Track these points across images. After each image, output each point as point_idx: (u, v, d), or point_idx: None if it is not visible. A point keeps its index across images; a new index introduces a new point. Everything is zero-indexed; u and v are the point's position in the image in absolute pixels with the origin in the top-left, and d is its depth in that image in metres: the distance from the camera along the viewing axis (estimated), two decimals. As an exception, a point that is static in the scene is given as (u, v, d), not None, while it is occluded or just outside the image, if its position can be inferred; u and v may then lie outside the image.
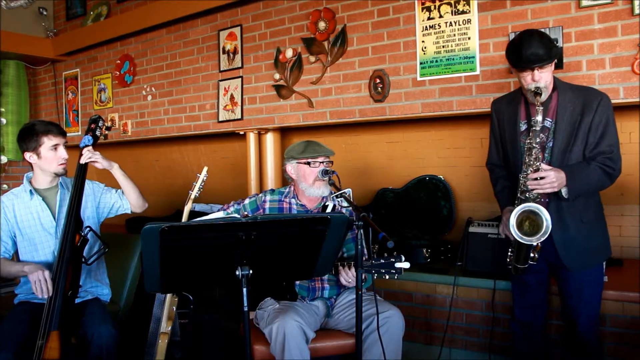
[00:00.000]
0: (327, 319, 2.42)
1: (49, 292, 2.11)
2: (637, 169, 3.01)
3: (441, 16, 3.13)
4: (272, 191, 2.55)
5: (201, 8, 4.03)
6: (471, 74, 3.05)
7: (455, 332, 2.95)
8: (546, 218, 1.99)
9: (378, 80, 3.36)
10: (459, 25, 3.08)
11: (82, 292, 2.40)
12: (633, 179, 3.04)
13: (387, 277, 2.16)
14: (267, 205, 2.49)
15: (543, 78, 2.08)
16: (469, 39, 3.05)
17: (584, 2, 2.71)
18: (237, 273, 1.74)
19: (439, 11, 3.14)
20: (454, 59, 3.10)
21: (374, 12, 3.38)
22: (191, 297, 2.71)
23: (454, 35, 3.10)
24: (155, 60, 4.56)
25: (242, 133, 4.08)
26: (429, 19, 3.18)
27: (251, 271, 1.75)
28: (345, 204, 2.37)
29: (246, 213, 2.47)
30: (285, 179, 2.61)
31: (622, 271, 2.84)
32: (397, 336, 2.21)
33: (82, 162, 2.34)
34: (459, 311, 2.93)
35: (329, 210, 2.45)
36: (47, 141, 2.35)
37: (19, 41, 4.95)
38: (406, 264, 2.15)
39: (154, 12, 4.30)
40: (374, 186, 3.90)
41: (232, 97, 4.05)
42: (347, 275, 2.25)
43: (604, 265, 2.64)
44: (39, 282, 2.11)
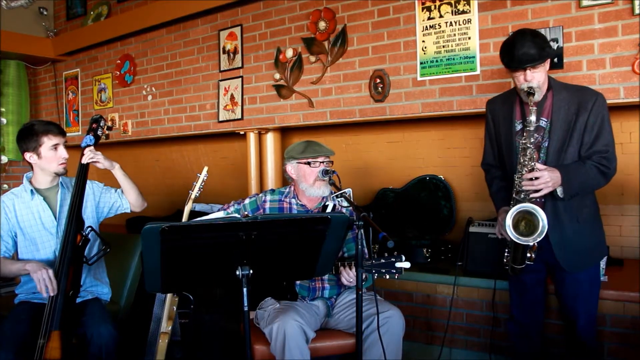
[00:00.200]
0: (327, 319, 2.42)
1: (55, 290, 2.11)
2: (637, 169, 3.01)
3: (441, 16, 3.13)
4: (272, 191, 2.54)
5: (201, 8, 4.04)
6: (471, 73, 3.05)
7: (456, 332, 2.95)
8: (542, 218, 1.98)
9: (378, 80, 3.36)
10: (459, 25, 3.08)
11: (82, 292, 2.39)
12: (633, 179, 3.04)
13: (388, 276, 2.16)
14: (268, 205, 2.49)
15: (536, 78, 2.07)
16: (469, 38, 3.05)
17: (585, 2, 2.71)
18: (237, 273, 1.74)
19: (439, 11, 3.14)
20: (454, 59, 3.10)
21: (374, 12, 3.38)
22: (191, 297, 2.71)
23: (454, 35, 3.10)
24: (156, 60, 4.56)
25: (242, 133, 4.08)
26: (429, 18, 3.18)
27: (251, 271, 1.75)
28: (346, 203, 2.37)
29: (246, 213, 2.46)
30: (286, 179, 2.61)
31: (622, 271, 2.83)
32: (397, 336, 2.21)
33: (84, 162, 2.34)
34: (459, 311, 2.93)
35: (329, 210, 2.45)
36: (47, 141, 2.35)
37: (19, 41, 4.95)
38: (407, 264, 2.15)
39: (154, 12, 4.31)
40: (374, 186, 3.90)
41: (232, 97, 4.05)
42: (348, 274, 2.25)
43: (603, 265, 2.65)
44: (43, 281, 2.11)
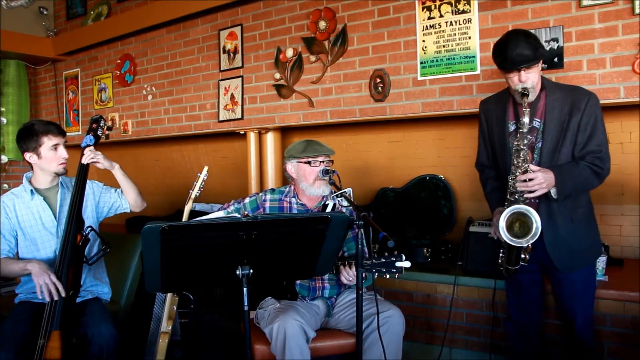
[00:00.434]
0: (327, 319, 2.42)
1: (62, 294, 2.10)
2: (637, 169, 3.01)
3: (441, 16, 3.13)
4: (273, 190, 2.54)
5: (201, 8, 4.04)
6: (472, 73, 3.05)
7: (456, 332, 2.95)
8: (536, 220, 1.98)
9: (378, 80, 3.36)
10: (459, 24, 3.08)
11: (82, 292, 2.39)
12: (633, 179, 3.04)
13: (388, 276, 2.16)
14: (268, 204, 2.49)
15: (530, 78, 2.06)
16: (469, 38, 3.05)
17: (585, 2, 2.71)
18: (237, 272, 1.74)
19: (439, 11, 3.14)
20: (454, 59, 3.10)
21: (374, 12, 3.38)
22: (192, 297, 2.70)
23: (455, 34, 3.10)
24: (156, 60, 4.56)
25: (242, 133, 4.08)
26: (429, 18, 3.18)
27: (251, 270, 1.75)
28: (346, 203, 2.37)
29: (246, 212, 2.46)
30: (286, 179, 2.61)
31: (623, 271, 2.83)
32: (397, 336, 2.21)
33: (84, 163, 2.34)
34: (459, 311, 2.93)
35: (329, 209, 2.45)
36: (47, 141, 2.35)
37: (19, 41, 4.95)
38: (407, 263, 2.16)
39: (154, 12, 4.31)
40: (374, 186, 3.90)
41: (232, 97, 4.05)
42: (348, 274, 2.25)
43: (603, 265, 2.65)
44: (45, 287, 2.10)
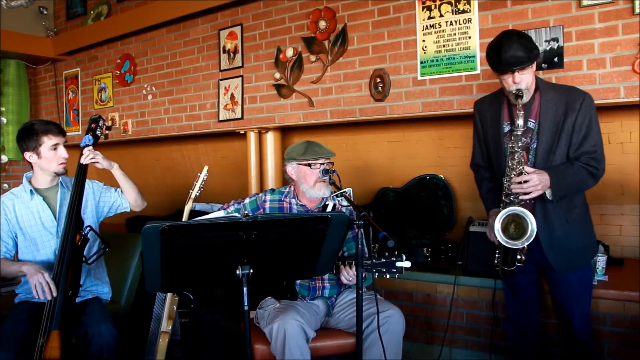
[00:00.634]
0: (327, 318, 2.42)
1: (53, 294, 2.10)
2: (637, 168, 3.01)
3: (442, 15, 3.13)
4: (272, 191, 2.54)
5: (201, 7, 4.03)
6: (472, 73, 3.05)
7: (456, 332, 2.95)
8: (531, 222, 1.97)
9: (378, 80, 3.36)
10: (459, 24, 3.08)
11: (82, 291, 2.40)
12: (633, 179, 3.04)
13: (388, 276, 2.16)
14: (268, 204, 2.49)
15: (524, 80, 2.05)
16: (469, 38, 3.05)
17: (585, 2, 2.71)
18: (237, 272, 1.74)
19: (439, 10, 3.14)
20: (454, 58, 3.10)
21: (374, 12, 3.38)
22: (192, 297, 2.70)
23: (455, 34, 3.10)
24: (156, 60, 4.56)
25: (242, 132, 4.08)
26: (429, 18, 3.17)
27: (251, 270, 1.75)
28: (346, 203, 2.37)
29: (246, 212, 2.46)
30: (286, 179, 2.61)
31: (622, 271, 2.83)
32: (397, 335, 2.21)
33: (83, 162, 2.34)
34: (459, 310, 2.93)
35: (329, 209, 2.45)
36: (47, 141, 2.35)
37: (19, 40, 4.95)
38: (407, 263, 2.16)
39: (154, 12, 4.31)
40: (374, 185, 3.90)
41: (232, 97, 4.05)
42: (348, 273, 2.25)
43: (603, 265, 2.65)
44: (39, 286, 2.10)
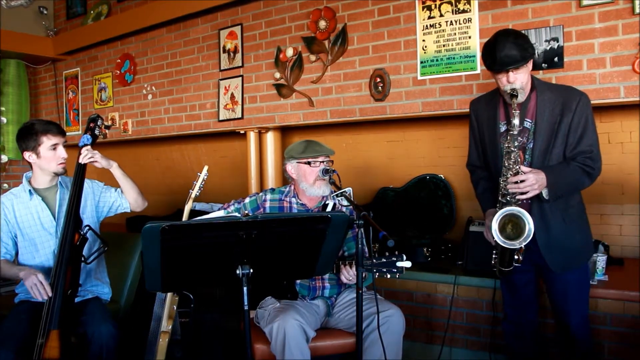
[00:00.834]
0: (327, 318, 2.42)
1: (48, 293, 2.11)
2: (637, 168, 3.01)
3: (442, 15, 3.13)
4: (273, 190, 2.54)
5: (201, 7, 4.03)
6: (472, 73, 3.05)
7: (456, 332, 2.95)
8: (528, 222, 1.97)
9: (378, 79, 3.36)
10: (459, 24, 3.08)
11: (82, 291, 2.40)
12: (633, 179, 3.04)
13: (389, 276, 2.16)
14: (268, 204, 2.49)
15: (519, 79, 2.05)
16: (469, 38, 3.05)
17: (585, 1, 2.71)
18: (237, 272, 1.74)
19: (439, 10, 3.14)
20: (454, 58, 3.10)
21: (374, 11, 3.37)
22: (192, 296, 2.70)
23: (455, 34, 3.09)
24: (156, 60, 4.55)
25: (242, 132, 4.07)
26: (429, 18, 3.17)
27: (252, 270, 1.75)
28: (346, 202, 2.36)
29: (247, 212, 2.46)
30: (286, 178, 2.61)
31: (623, 270, 2.83)
32: (397, 335, 2.21)
33: (81, 162, 2.33)
34: (459, 310, 2.93)
35: (329, 209, 2.45)
36: (47, 141, 2.35)
37: (19, 40, 4.95)
38: (407, 263, 2.15)
39: (154, 11, 4.30)
40: (374, 185, 3.90)
41: (232, 96, 4.05)
42: (348, 273, 2.25)
43: (603, 264, 2.64)
44: (35, 287, 2.12)
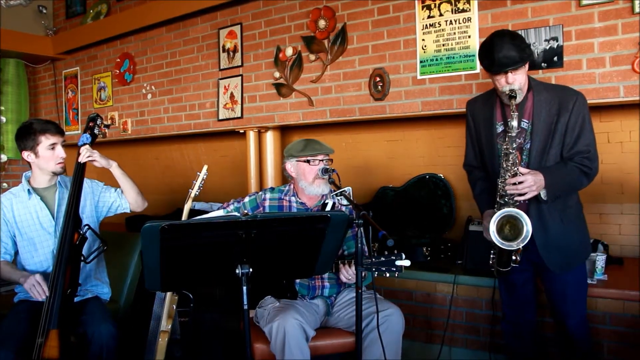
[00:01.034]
0: (327, 318, 2.42)
1: (46, 292, 2.12)
2: (636, 168, 3.01)
3: (441, 14, 3.13)
4: (272, 189, 2.54)
5: (201, 6, 4.03)
6: (471, 72, 3.05)
7: (456, 331, 2.95)
8: (526, 223, 1.97)
9: (378, 79, 3.36)
10: (459, 23, 3.08)
11: (82, 291, 2.39)
12: (633, 178, 3.04)
13: (388, 274, 2.16)
14: (267, 203, 2.49)
15: (517, 80, 2.04)
16: (469, 37, 3.05)
17: (584, 1, 2.71)
18: (237, 271, 1.74)
19: (439, 9, 3.14)
20: (454, 58, 3.10)
21: (374, 11, 3.37)
22: (191, 296, 2.70)
23: (454, 33, 3.09)
24: (155, 59, 4.55)
25: (242, 131, 4.07)
26: (429, 17, 3.17)
27: (251, 269, 1.74)
28: (345, 202, 2.37)
29: (246, 211, 2.46)
30: (285, 177, 2.61)
31: (622, 270, 2.83)
32: (397, 334, 2.21)
33: (81, 161, 2.33)
34: (459, 310, 2.93)
35: (328, 208, 2.45)
36: (45, 140, 2.34)
37: (18, 39, 4.94)
38: (407, 262, 2.16)
39: (153, 11, 4.30)
40: (374, 185, 3.90)
41: (232, 96, 4.05)
42: (348, 272, 2.25)
43: (603, 264, 2.65)
44: (34, 287, 2.14)
